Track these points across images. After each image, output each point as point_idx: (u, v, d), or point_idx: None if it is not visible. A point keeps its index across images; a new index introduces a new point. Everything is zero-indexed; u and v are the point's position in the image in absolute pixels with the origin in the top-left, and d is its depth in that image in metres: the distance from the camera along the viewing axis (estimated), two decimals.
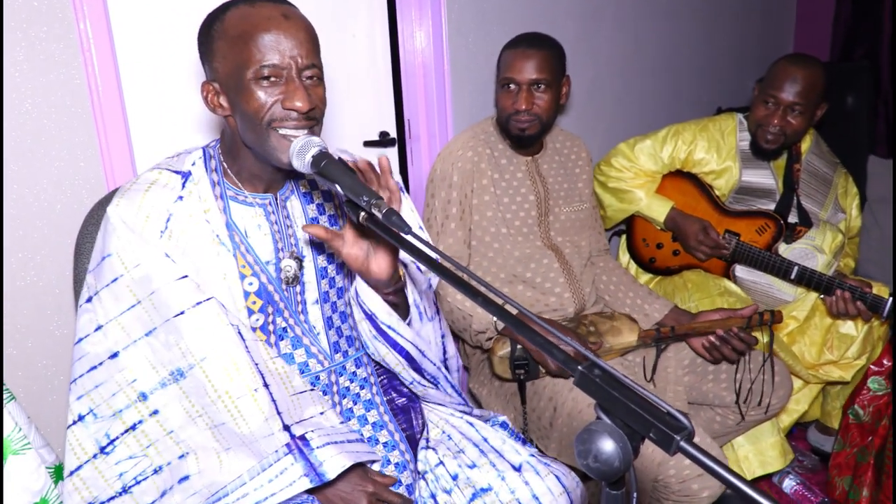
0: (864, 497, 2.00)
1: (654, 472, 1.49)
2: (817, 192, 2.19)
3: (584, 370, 0.68)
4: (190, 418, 1.09)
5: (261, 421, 1.07)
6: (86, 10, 1.36)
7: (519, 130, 1.76)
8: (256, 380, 1.08)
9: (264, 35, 1.02)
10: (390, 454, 1.25)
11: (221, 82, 1.07)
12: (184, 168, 1.15)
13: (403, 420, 1.32)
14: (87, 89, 1.42)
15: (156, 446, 1.10)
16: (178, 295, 1.07)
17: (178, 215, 1.10)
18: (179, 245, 1.10)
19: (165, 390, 1.08)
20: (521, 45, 1.74)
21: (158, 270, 1.07)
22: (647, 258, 2.27)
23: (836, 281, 1.93)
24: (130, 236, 1.08)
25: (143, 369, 1.08)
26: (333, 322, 1.26)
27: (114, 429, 1.09)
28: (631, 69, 2.73)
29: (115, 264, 1.08)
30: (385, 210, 0.88)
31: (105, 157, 1.45)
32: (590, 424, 0.66)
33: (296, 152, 1.00)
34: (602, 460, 0.64)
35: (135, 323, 1.08)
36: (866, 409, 2.08)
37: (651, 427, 0.62)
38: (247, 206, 1.16)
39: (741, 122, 2.17)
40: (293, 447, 1.05)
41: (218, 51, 1.05)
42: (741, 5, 3.23)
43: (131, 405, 1.09)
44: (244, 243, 1.15)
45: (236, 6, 1.05)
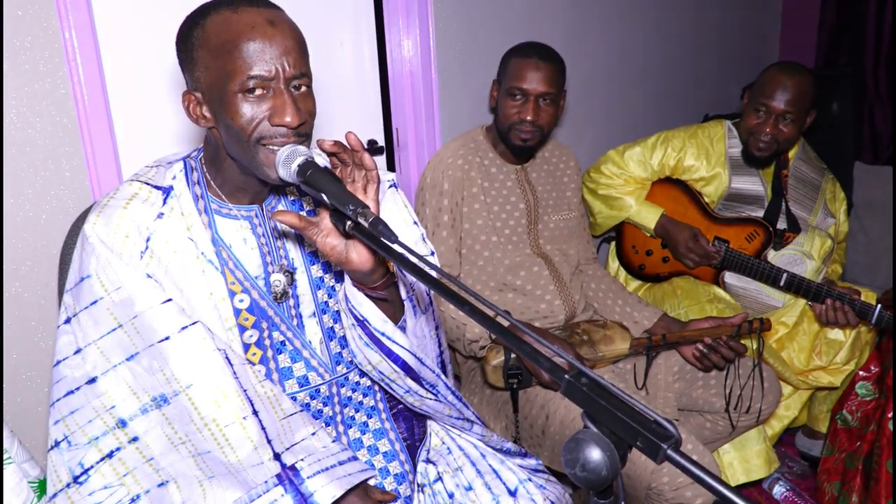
0: (853, 502, 2.00)
1: (647, 479, 1.49)
2: (806, 197, 2.20)
3: (570, 379, 0.67)
4: (172, 445, 1.05)
5: (250, 449, 1.03)
6: (71, 19, 1.36)
7: (521, 141, 1.77)
8: (245, 407, 1.04)
9: (249, 44, 0.95)
10: (390, 464, 1.23)
11: (204, 93, 1.01)
12: (164, 183, 1.09)
13: (404, 428, 1.29)
14: (72, 99, 1.41)
15: (133, 474, 1.05)
16: (163, 319, 1.02)
17: (159, 234, 1.05)
18: (162, 265, 1.05)
19: (146, 416, 1.04)
20: (532, 56, 1.73)
21: (141, 293, 1.02)
22: (637, 265, 2.28)
23: (825, 289, 1.94)
24: (110, 256, 1.02)
25: (122, 395, 1.04)
26: (336, 332, 1.20)
27: (88, 457, 1.04)
28: (619, 77, 2.74)
29: (95, 286, 1.03)
30: (371, 219, 0.87)
31: (91, 167, 1.44)
32: (577, 433, 0.65)
33: (281, 161, 0.98)
34: (589, 469, 0.64)
35: (116, 347, 1.04)
36: (854, 414, 2.08)
37: (638, 435, 0.62)
38: (231, 220, 1.11)
39: (730, 129, 2.18)
40: (283, 478, 1.01)
41: (199, 60, 0.99)
42: (727, 13, 3.26)
43: (109, 432, 1.04)
44: (232, 259, 1.10)
45: (217, 11, 0.98)
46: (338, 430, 1.22)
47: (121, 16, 1.53)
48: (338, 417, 1.22)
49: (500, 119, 1.79)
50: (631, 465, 1.51)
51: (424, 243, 1.28)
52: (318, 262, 1.18)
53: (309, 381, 1.17)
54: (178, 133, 1.69)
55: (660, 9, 2.87)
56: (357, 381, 1.24)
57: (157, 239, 1.05)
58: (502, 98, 1.78)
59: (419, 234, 1.28)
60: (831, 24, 3.29)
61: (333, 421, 1.22)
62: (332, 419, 1.22)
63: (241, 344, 1.12)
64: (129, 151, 1.56)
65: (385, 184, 1.27)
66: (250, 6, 0.99)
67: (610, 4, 2.63)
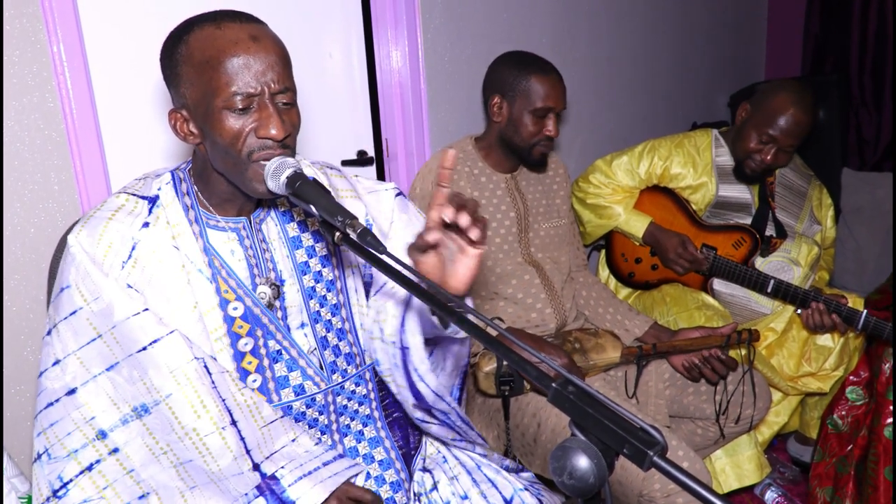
0: None
1: (638, 486, 1.49)
2: (792, 204, 2.22)
3: (557, 387, 0.68)
4: (153, 456, 1.04)
5: (230, 459, 1.03)
6: (59, 33, 1.36)
7: (542, 155, 1.81)
8: (224, 417, 1.04)
9: (233, 60, 0.96)
10: (385, 473, 1.23)
11: (190, 109, 1.02)
12: (150, 193, 1.09)
13: (400, 437, 1.29)
14: (61, 112, 1.41)
15: (114, 487, 1.03)
16: (141, 329, 1.02)
17: (145, 243, 1.05)
18: (145, 274, 1.04)
19: (127, 427, 1.03)
20: (551, 73, 1.76)
21: (119, 303, 1.02)
22: (627, 273, 2.29)
23: (812, 295, 1.95)
24: (90, 267, 1.02)
25: (102, 406, 1.03)
26: (329, 342, 1.21)
27: (68, 470, 1.03)
28: (606, 86, 2.76)
29: (74, 296, 1.03)
30: (360, 230, 0.88)
31: (80, 181, 1.44)
32: (564, 441, 0.66)
33: (270, 173, 0.99)
34: (577, 477, 0.64)
35: (95, 357, 1.03)
36: (845, 419, 2.09)
37: (624, 443, 0.62)
38: (219, 231, 1.12)
39: (717, 137, 2.20)
40: (264, 489, 1.01)
41: (184, 76, 1.00)
42: (714, 22, 3.29)
43: (88, 444, 1.03)
44: (225, 267, 1.11)
45: (200, 27, 0.99)
46: (333, 438, 1.22)
47: (109, 29, 1.54)
48: (333, 426, 1.22)
49: (521, 135, 1.77)
50: (622, 472, 1.51)
51: None
52: (309, 272, 1.18)
53: (305, 389, 1.17)
54: (167, 145, 1.69)
55: (647, 18, 2.89)
56: (353, 390, 1.23)
57: (143, 248, 1.05)
58: (521, 115, 1.76)
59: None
60: (816, 33, 3.33)
61: (329, 429, 1.22)
62: (327, 427, 1.21)
63: (233, 353, 1.11)
64: (117, 164, 1.56)
65: (389, 192, 1.28)
66: (233, 21, 0.99)
67: (597, 14, 2.65)
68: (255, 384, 1.13)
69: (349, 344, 1.23)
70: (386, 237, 1.25)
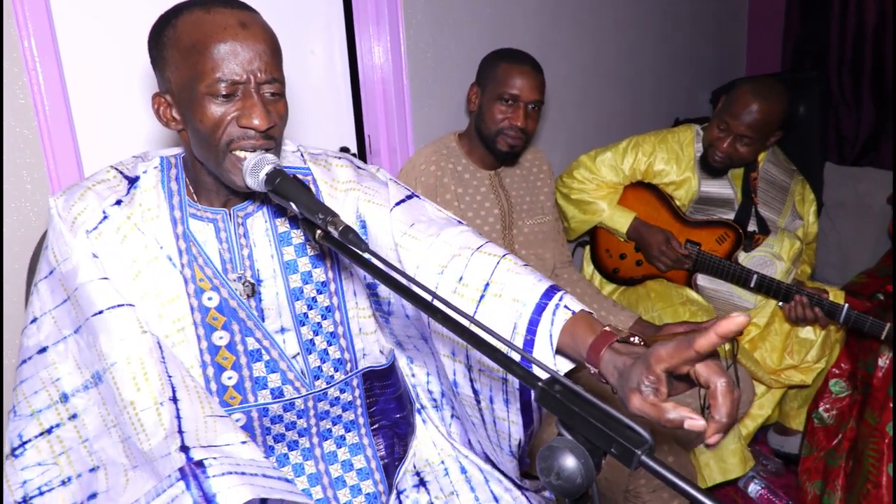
0: (839, 500, 2.02)
1: (625, 482, 1.50)
2: (775, 199, 2.24)
3: (544, 386, 0.67)
4: (105, 427, 1.01)
5: (161, 438, 0.95)
6: (30, 27, 1.32)
7: (508, 147, 1.78)
8: (165, 392, 0.98)
9: (219, 46, 0.94)
10: (362, 482, 1.20)
11: (174, 94, 1.00)
12: (134, 174, 1.09)
13: (384, 446, 1.24)
14: (33, 109, 1.37)
15: (68, 455, 1.01)
16: (98, 294, 1.00)
17: (112, 219, 1.04)
18: (106, 247, 1.03)
19: (87, 393, 1.01)
20: (524, 63, 1.75)
21: (84, 267, 1.01)
22: (611, 269, 2.29)
23: (794, 289, 1.97)
24: (62, 228, 1.02)
25: (68, 368, 1.02)
26: (316, 346, 1.16)
27: (29, 430, 1.01)
28: (590, 82, 2.77)
29: (50, 256, 1.04)
30: (341, 227, 0.86)
31: (53, 179, 1.40)
32: (551, 441, 0.65)
33: (249, 170, 0.96)
34: (564, 477, 0.63)
35: (65, 318, 1.03)
36: (830, 411, 2.11)
37: (612, 442, 0.61)
38: (197, 220, 1.09)
39: (698, 133, 2.21)
40: (187, 472, 0.90)
41: (170, 60, 0.98)
42: (695, 19, 3.31)
43: (52, 406, 1.01)
44: (202, 255, 1.07)
45: (190, 11, 0.97)
46: (312, 441, 1.19)
47: (83, 22, 1.50)
48: (313, 429, 1.18)
49: (486, 123, 1.78)
50: (609, 469, 1.51)
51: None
52: (297, 272, 1.14)
53: (283, 393, 1.13)
54: (144, 141, 1.66)
55: (630, 15, 2.90)
56: (337, 396, 1.19)
57: (110, 224, 1.04)
58: (489, 103, 1.77)
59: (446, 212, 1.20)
60: (796, 30, 3.36)
61: (308, 432, 1.18)
62: (306, 430, 1.18)
63: (207, 346, 1.07)
64: (92, 163, 1.52)
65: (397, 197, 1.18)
66: (224, 7, 0.97)
67: (581, 10, 2.66)
68: (230, 381, 1.10)
69: (340, 349, 1.18)
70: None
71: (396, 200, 1.15)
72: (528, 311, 0.95)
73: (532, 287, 0.97)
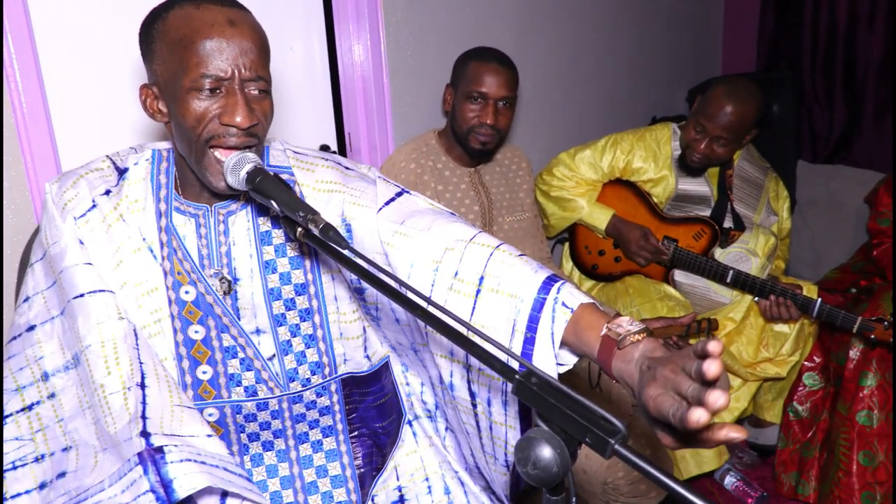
0: (812, 490, 2.07)
1: (602, 474, 1.52)
2: (750, 196, 2.28)
3: (521, 378, 0.68)
4: (81, 409, 1.04)
5: (125, 422, 0.97)
6: (7, 24, 1.31)
7: (480, 144, 1.79)
8: (134, 377, 1.00)
9: (206, 41, 0.95)
10: (335, 490, 1.19)
11: (160, 87, 1.01)
12: (124, 165, 1.11)
13: (361, 455, 1.23)
14: (11, 108, 1.36)
15: (45, 433, 1.03)
16: (81, 278, 1.04)
17: (101, 207, 1.07)
18: (92, 233, 1.06)
19: (67, 374, 1.05)
20: (492, 61, 1.75)
21: (70, 251, 1.05)
22: (590, 265, 2.32)
23: (769, 284, 2.01)
24: (54, 213, 1.06)
25: (52, 348, 1.06)
26: (293, 347, 1.15)
27: (11, 404, 1.03)
28: (568, 81, 2.79)
29: (43, 239, 1.08)
30: (322, 225, 0.87)
31: (32, 183, 1.40)
32: (528, 432, 0.66)
33: (230, 168, 0.97)
34: (541, 467, 0.65)
35: (53, 299, 1.07)
36: (804, 404, 2.16)
37: (587, 432, 0.63)
38: (180, 214, 1.10)
39: (675, 132, 2.24)
40: (145, 457, 0.92)
41: (157, 53, 0.99)
42: (672, 19, 3.35)
43: (34, 383, 1.05)
44: (181, 249, 1.09)
45: (180, 6, 0.98)
46: (288, 443, 1.19)
47: (61, 21, 1.49)
48: (289, 431, 1.18)
49: (458, 122, 1.80)
50: (587, 462, 1.53)
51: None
52: (275, 272, 1.13)
53: (257, 392, 1.13)
54: (125, 139, 1.65)
55: (607, 15, 2.93)
56: (313, 400, 1.18)
57: (97, 212, 1.07)
58: (460, 102, 1.79)
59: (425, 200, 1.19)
60: (770, 31, 3.40)
61: (283, 434, 1.18)
62: (281, 432, 1.17)
63: (177, 339, 1.09)
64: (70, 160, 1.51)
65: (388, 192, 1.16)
66: (214, 4, 0.98)
67: (559, 11, 2.68)
68: (205, 376, 1.10)
69: (318, 352, 1.17)
70: None
71: (385, 200, 1.13)
72: (527, 308, 0.94)
73: (528, 280, 0.95)
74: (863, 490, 1.93)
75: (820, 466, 2.07)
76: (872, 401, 1.95)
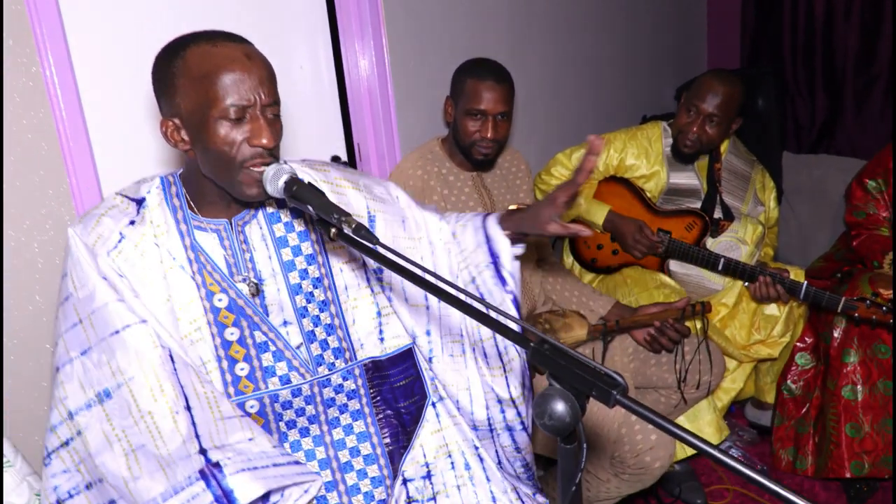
0: (810, 465, 2.17)
1: (610, 449, 1.64)
2: (737, 188, 2.38)
3: (535, 346, 0.80)
4: (108, 443, 1.11)
5: (179, 443, 1.08)
6: (51, 58, 1.44)
7: (483, 156, 1.88)
8: (179, 402, 1.10)
9: (230, 75, 1.06)
10: (369, 467, 1.31)
11: (183, 118, 1.10)
12: (139, 195, 1.20)
13: (389, 434, 1.34)
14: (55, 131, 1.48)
15: (85, 463, 1.12)
16: (116, 315, 1.11)
17: (130, 238, 1.15)
18: (128, 262, 1.14)
19: (89, 411, 1.11)
20: (488, 78, 1.82)
21: (101, 290, 1.11)
22: (590, 259, 2.42)
23: (758, 270, 2.11)
24: (80, 256, 1.12)
25: (73, 388, 1.12)
26: (317, 336, 1.28)
27: (51, 442, 1.14)
28: (560, 86, 2.89)
29: (68, 283, 1.13)
30: (354, 225, 0.99)
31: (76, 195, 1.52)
32: (544, 390, 0.78)
33: (269, 179, 1.08)
34: (556, 418, 0.76)
35: (74, 341, 1.12)
36: (797, 382, 2.26)
37: (593, 386, 0.74)
38: (202, 231, 1.21)
39: (665, 129, 2.35)
40: (207, 473, 1.06)
41: (180, 88, 1.08)
42: (657, 21, 3.43)
43: (63, 422, 1.13)
44: (210, 262, 1.20)
45: (197, 44, 1.08)
46: (322, 429, 1.30)
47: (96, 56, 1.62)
48: (321, 416, 1.29)
49: (461, 136, 1.88)
50: (595, 439, 1.65)
51: None
52: (295, 270, 1.26)
53: (290, 380, 1.25)
54: (157, 159, 1.76)
55: (595, 21, 3.02)
56: (340, 384, 1.30)
57: (128, 242, 1.15)
58: (461, 117, 1.87)
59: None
60: (752, 27, 3.48)
61: (317, 420, 1.29)
62: (315, 417, 1.29)
63: (221, 342, 1.19)
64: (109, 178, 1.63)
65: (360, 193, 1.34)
66: (228, 41, 1.10)
67: (549, 18, 2.77)
68: (243, 372, 1.21)
69: (338, 339, 1.30)
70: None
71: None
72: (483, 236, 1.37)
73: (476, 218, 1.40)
74: (851, 460, 2.04)
75: (815, 441, 2.17)
76: (856, 376, 2.06)
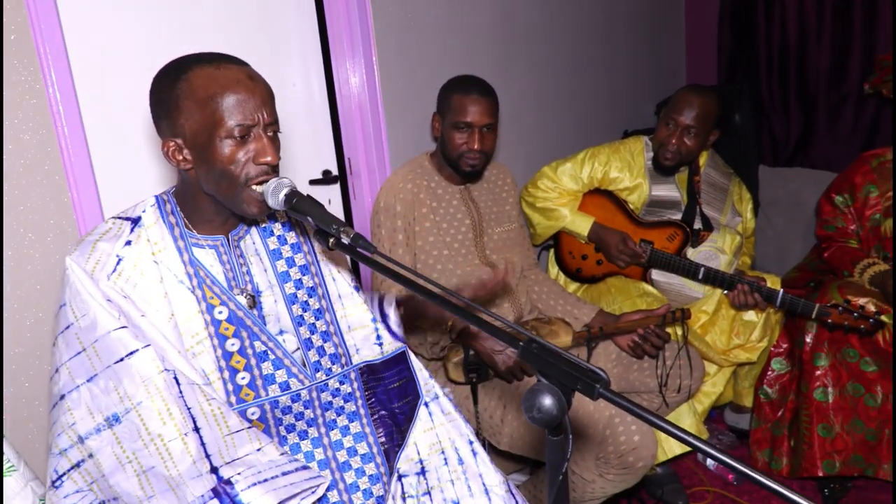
0: (784, 465, 2.24)
1: (595, 450, 1.69)
2: (716, 199, 2.47)
3: (524, 345, 0.86)
4: (119, 465, 1.12)
5: (189, 463, 1.11)
6: (54, 77, 1.49)
7: (471, 167, 1.95)
8: (187, 424, 1.12)
9: (234, 96, 1.10)
10: (366, 466, 1.35)
11: (186, 138, 1.13)
12: (134, 215, 1.21)
13: (384, 433, 1.38)
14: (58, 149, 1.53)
15: (98, 483, 1.15)
16: (120, 341, 1.12)
17: (128, 258, 1.17)
18: (130, 282, 1.16)
19: (100, 435, 1.13)
20: (472, 92, 1.89)
21: (103, 319, 1.12)
22: (574, 269, 2.49)
23: (737, 278, 2.19)
24: (80, 286, 1.13)
25: (82, 414, 1.13)
26: (314, 343, 1.33)
27: (61, 465, 1.15)
28: (544, 101, 2.96)
29: (68, 313, 1.14)
30: (353, 235, 1.05)
31: (78, 212, 1.57)
32: (532, 386, 0.84)
33: (270, 192, 1.14)
34: (544, 411, 0.82)
35: (79, 369, 1.13)
36: (773, 387, 2.33)
37: (578, 381, 0.81)
38: (199, 248, 1.24)
39: (647, 143, 2.43)
40: (220, 491, 1.08)
41: (184, 109, 1.11)
42: (636, 39, 3.52)
43: (73, 446, 1.14)
44: (209, 276, 1.24)
45: (199, 66, 1.11)
46: (320, 431, 1.34)
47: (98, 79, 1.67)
48: (319, 420, 1.33)
49: (448, 149, 1.94)
50: (581, 441, 1.71)
51: None
52: (290, 280, 1.32)
53: (290, 386, 1.29)
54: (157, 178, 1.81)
55: (577, 38, 3.11)
56: (337, 388, 1.35)
57: (126, 263, 1.16)
58: (448, 131, 1.93)
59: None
60: (728, 45, 3.58)
61: (315, 422, 1.33)
62: (313, 421, 1.33)
63: (222, 353, 1.23)
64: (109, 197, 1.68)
65: None
66: (230, 63, 1.15)
67: (533, 38, 2.85)
68: (244, 381, 1.25)
69: (334, 345, 1.35)
70: None
71: None
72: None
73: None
74: (823, 459, 2.11)
75: (789, 444, 2.24)
76: (826, 379, 2.14)
